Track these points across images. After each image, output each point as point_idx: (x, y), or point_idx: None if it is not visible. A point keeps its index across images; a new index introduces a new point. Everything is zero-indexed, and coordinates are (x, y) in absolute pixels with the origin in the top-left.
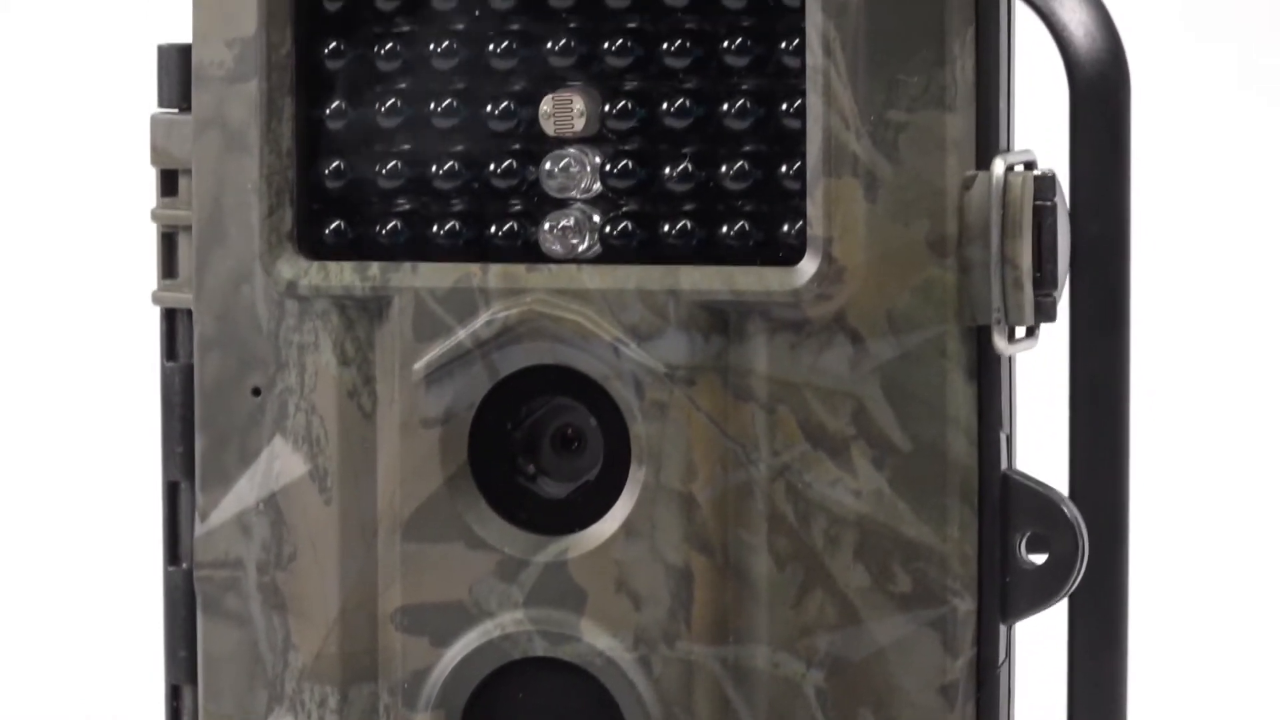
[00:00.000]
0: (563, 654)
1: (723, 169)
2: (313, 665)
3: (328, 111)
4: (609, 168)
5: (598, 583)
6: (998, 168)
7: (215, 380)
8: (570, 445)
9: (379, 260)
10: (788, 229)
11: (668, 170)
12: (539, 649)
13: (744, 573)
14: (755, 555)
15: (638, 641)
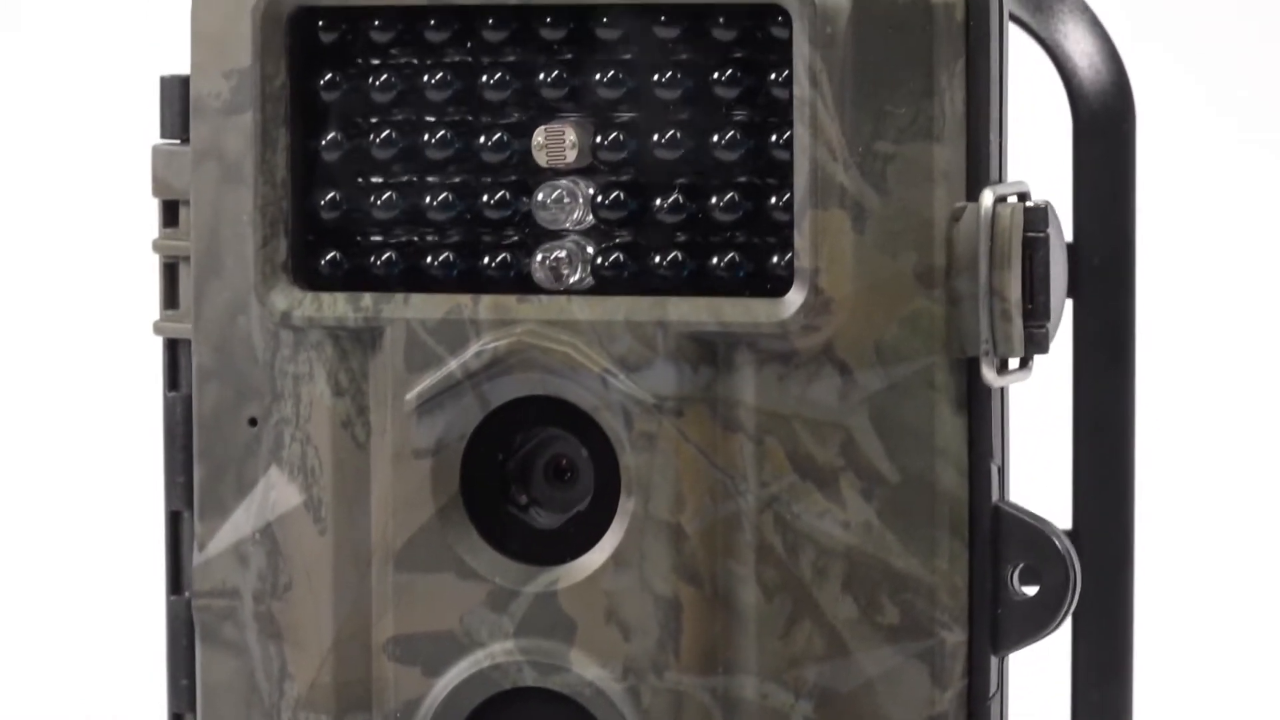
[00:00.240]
0: (552, 684)
1: (713, 200)
2: (308, 695)
3: (323, 143)
4: (600, 199)
5: (587, 613)
6: (986, 199)
7: (213, 411)
8: (563, 476)
9: (374, 291)
10: (777, 260)
11: (658, 202)
12: (529, 679)
13: (732, 603)
14: (744, 586)
15: (627, 672)
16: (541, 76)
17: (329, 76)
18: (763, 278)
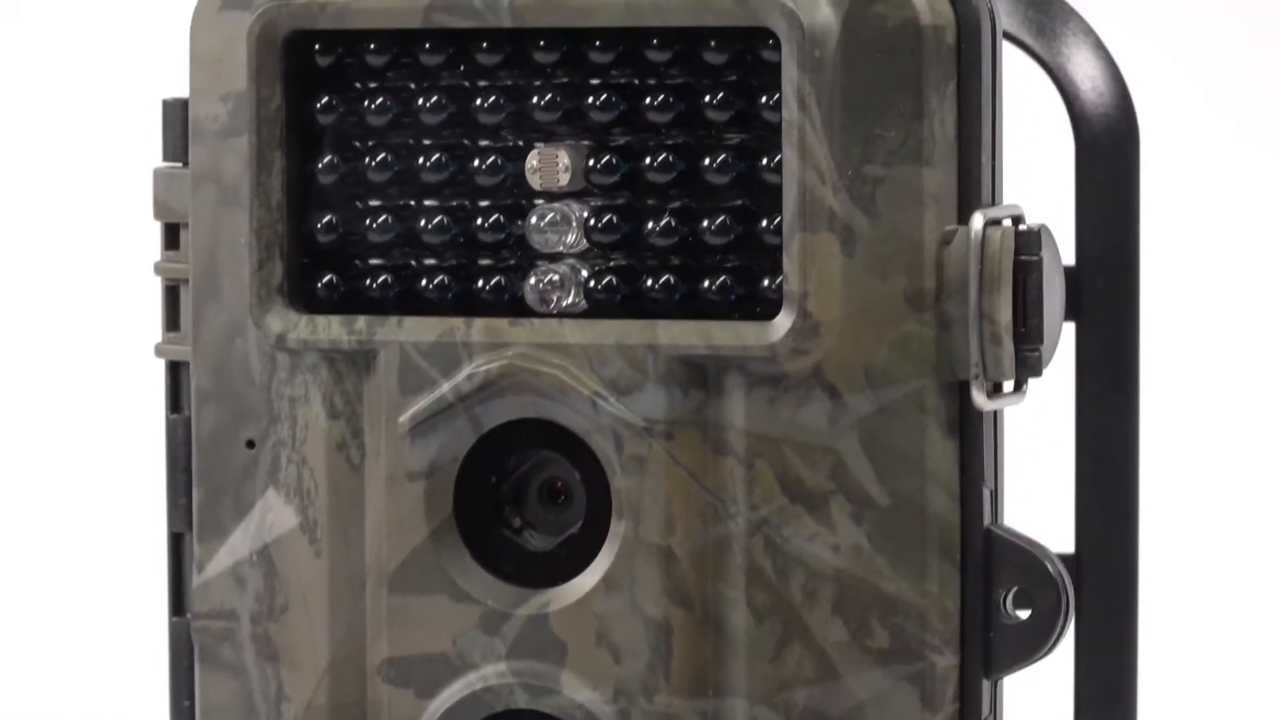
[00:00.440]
0: (544, 706)
1: (705, 223)
2: (304, 716)
3: (320, 165)
4: (593, 222)
5: (578, 636)
6: (976, 222)
7: (211, 433)
8: (556, 499)
9: (370, 314)
10: (768, 284)
11: (651, 225)
12: (520, 701)
13: (722, 626)
14: (734, 609)
15: (617, 694)
16: (535, 100)
17: (325, 100)
18: (754, 301)
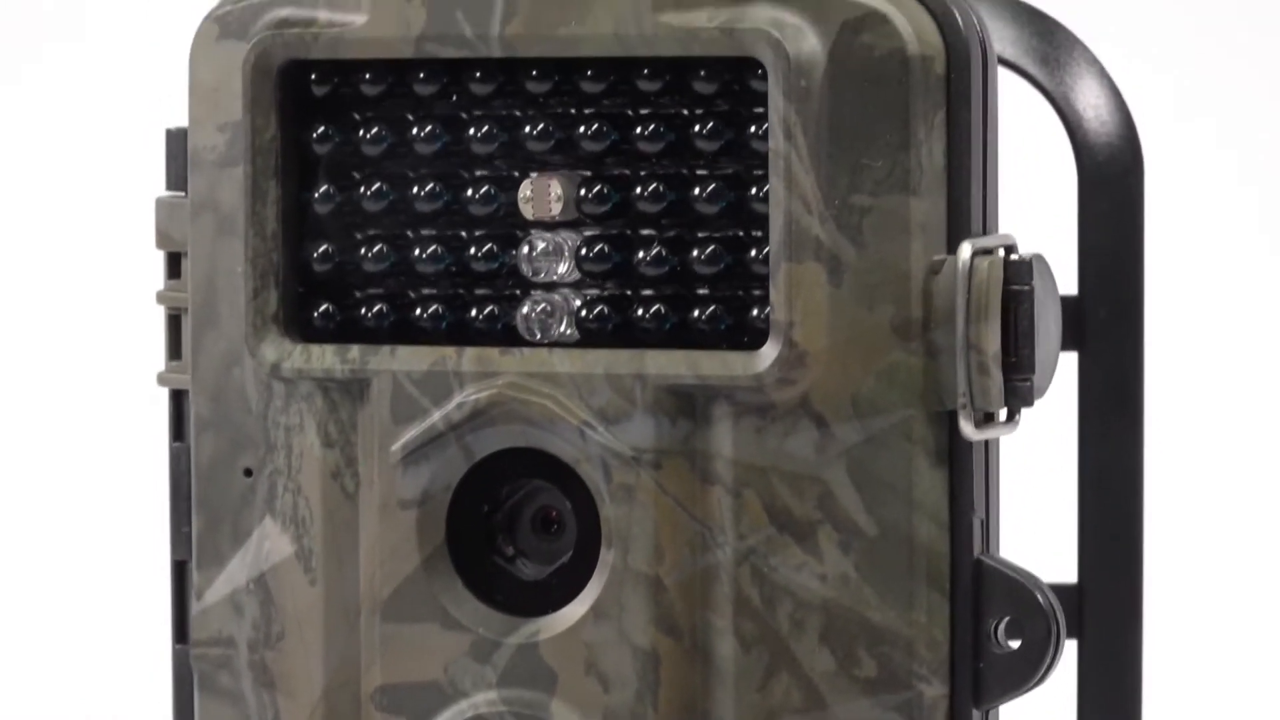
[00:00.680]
0: None
1: (695, 253)
2: None
3: (316, 195)
4: (585, 251)
5: (568, 664)
6: (964, 252)
7: (210, 461)
8: (550, 527)
9: (366, 343)
10: (757, 313)
11: (641, 254)
12: None
13: (710, 656)
14: (721, 638)
15: None
16: (528, 129)
17: (321, 129)
18: (743, 330)
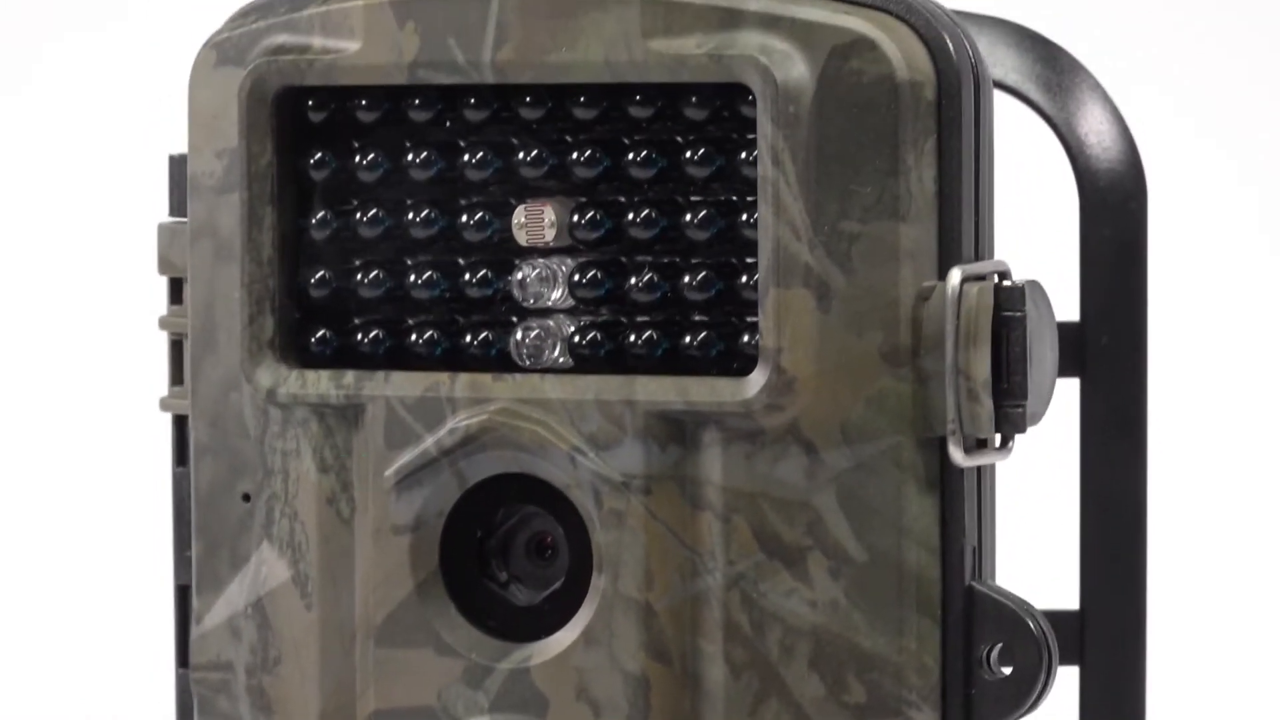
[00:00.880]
0: None
1: (686, 279)
2: None
3: (313, 221)
4: (578, 278)
5: (559, 690)
6: (953, 278)
7: (209, 486)
8: (544, 553)
9: (362, 368)
10: (748, 339)
11: (633, 280)
12: None
13: (700, 681)
14: (711, 664)
15: None
16: (521, 155)
17: (318, 155)
18: (734, 357)
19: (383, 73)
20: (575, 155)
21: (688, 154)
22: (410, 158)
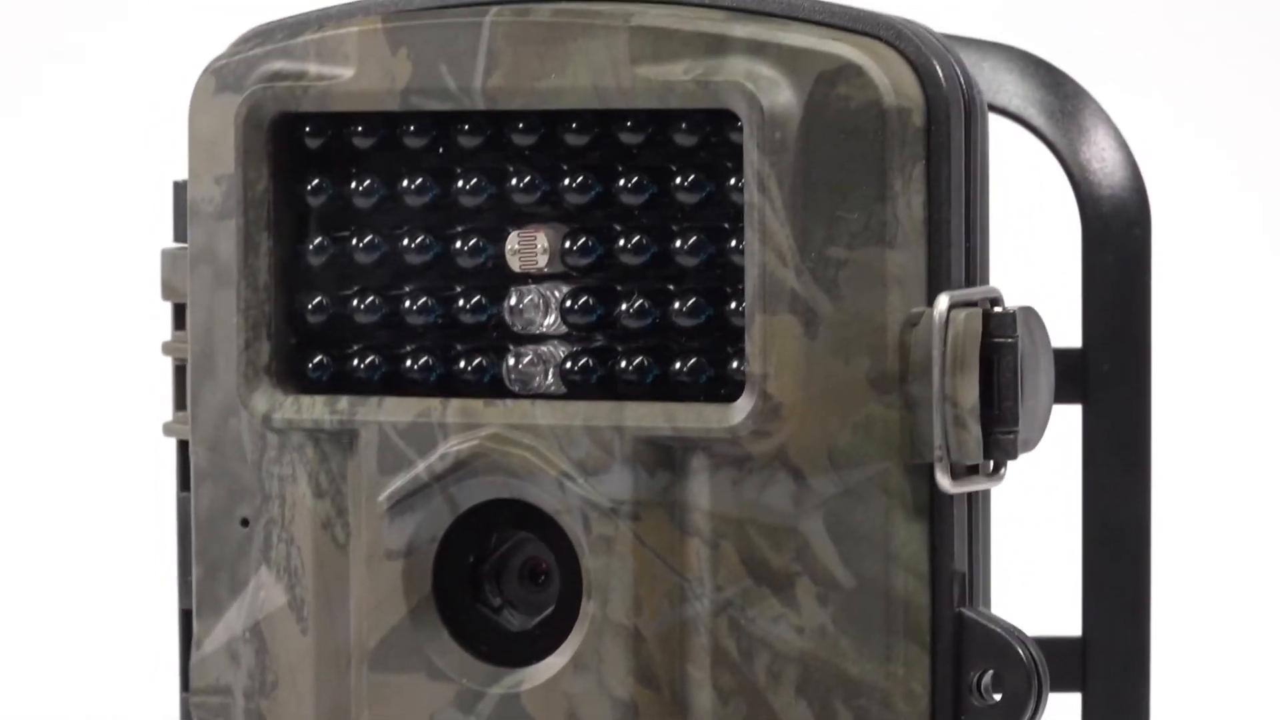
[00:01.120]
0: None
1: (676, 305)
2: None
3: (310, 247)
4: (569, 304)
5: (549, 715)
6: (940, 304)
7: (208, 511)
8: (538, 578)
9: (359, 394)
10: (737, 366)
11: (624, 306)
12: None
13: (688, 707)
14: (699, 690)
15: None
16: (514, 182)
17: (315, 182)
18: (723, 383)
19: (376, 99)
20: (567, 181)
21: (678, 180)
22: (405, 184)
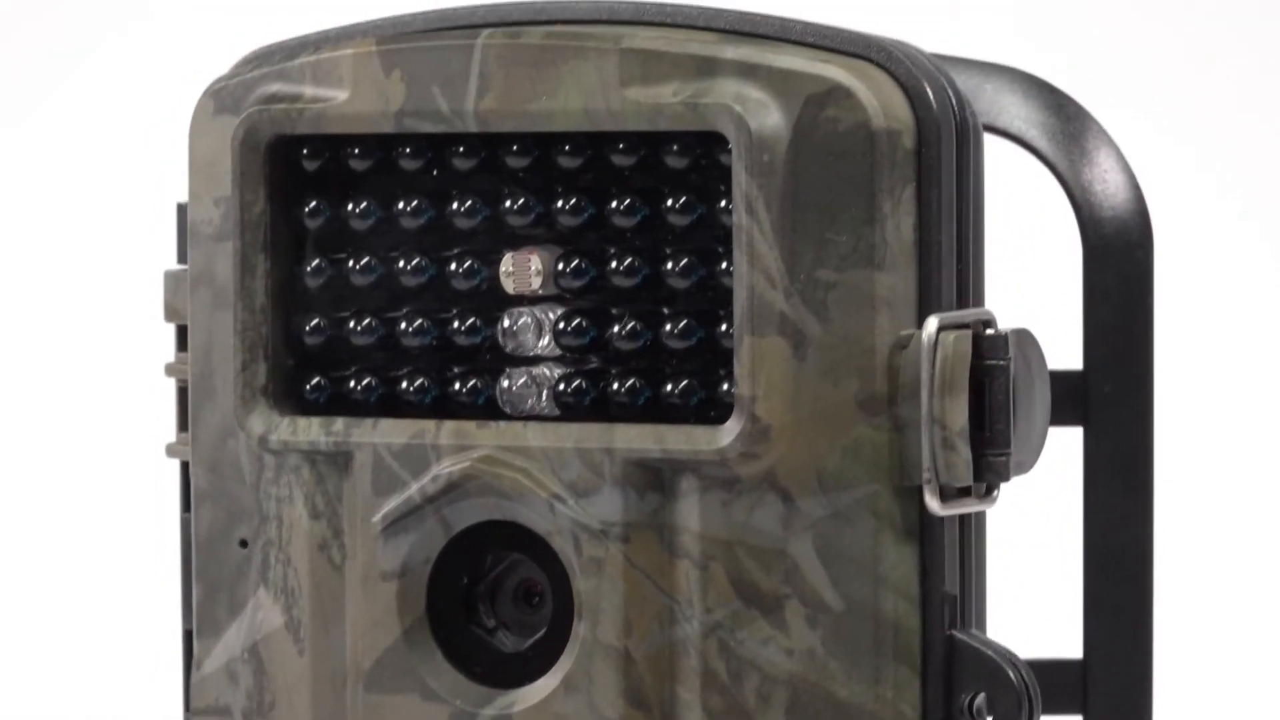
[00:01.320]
0: None
1: (667, 327)
2: None
3: (308, 269)
4: (563, 326)
5: None
6: (929, 326)
7: (208, 532)
8: (532, 600)
9: (355, 415)
10: (727, 387)
11: (616, 329)
12: None
13: None
14: (689, 712)
15: None
16: (508, 204)
17: (313, 204)
18: (714, 405)
19: (370, 121)
20: (560, 203)
21: (669, 202)
22: (401, 206)
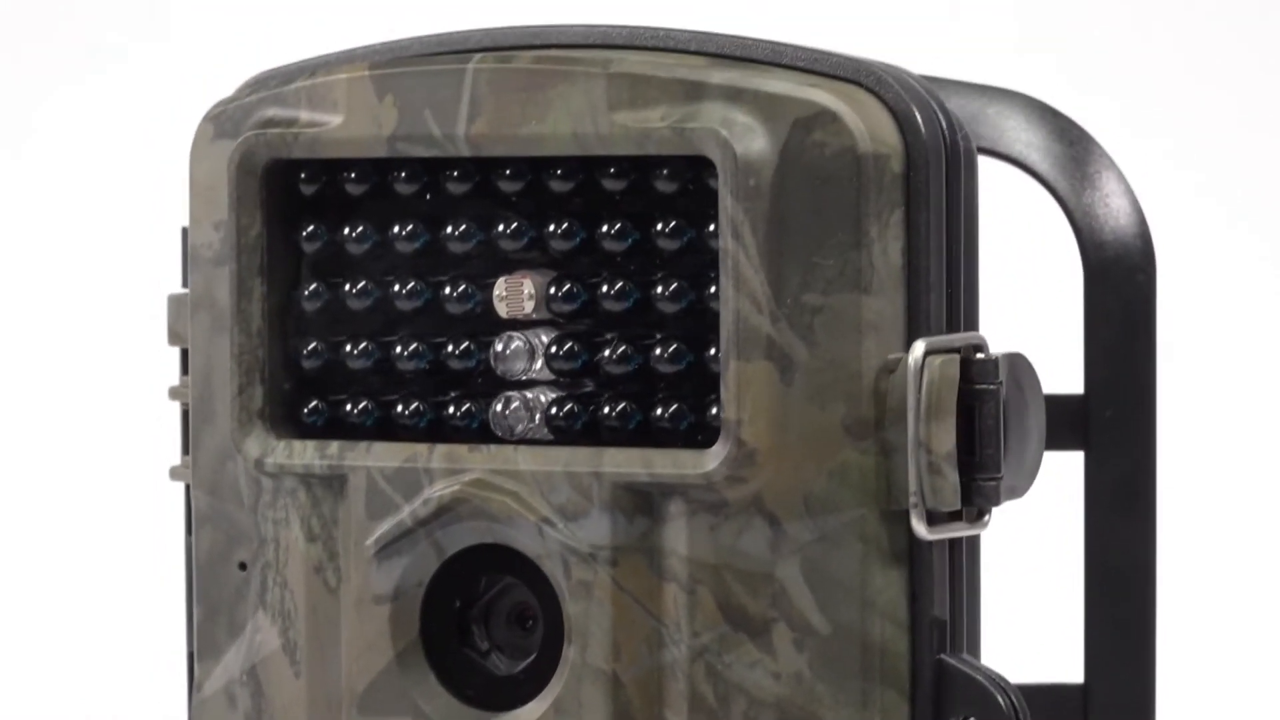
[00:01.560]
0: None
1: (656, 352)
2: None
3: (305, 293)
4: (554, 350)
5: None
6: (916, 350)
7: (208, 555)
8: (525, 623)
9: (351, 439)
10: (715, 412)
11: (607, 353)
12: None
13: None
14: None
15: None
16: (502, 228)
17: (310, 228)
18: (702, 429)
19: (363, 145)
20: (552, 228)
21: (659, 226)
22: (396, 230)
